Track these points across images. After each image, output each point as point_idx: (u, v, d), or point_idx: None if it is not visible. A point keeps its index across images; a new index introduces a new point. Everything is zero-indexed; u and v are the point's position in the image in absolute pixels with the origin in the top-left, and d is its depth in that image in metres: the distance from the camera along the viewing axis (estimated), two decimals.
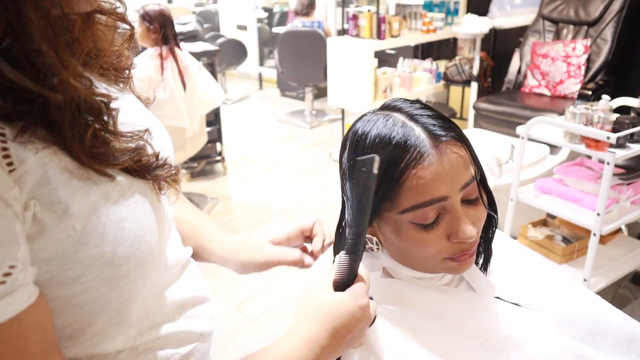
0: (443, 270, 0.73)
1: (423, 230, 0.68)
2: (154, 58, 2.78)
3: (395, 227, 0.70)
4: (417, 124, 0.68)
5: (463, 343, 0.74)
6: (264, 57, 7.34)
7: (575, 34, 3.54)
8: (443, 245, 0.69)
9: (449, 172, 0.66)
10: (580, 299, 0.84)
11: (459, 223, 0.67)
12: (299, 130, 5.18)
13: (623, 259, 2.27)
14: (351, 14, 3.94)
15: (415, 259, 0.73)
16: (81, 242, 0.51)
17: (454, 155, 0.67)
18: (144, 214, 0.57)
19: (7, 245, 0.45)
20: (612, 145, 1.88)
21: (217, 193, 3.72)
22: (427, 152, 0.66)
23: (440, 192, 0.66)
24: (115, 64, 0.66)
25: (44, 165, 0.49)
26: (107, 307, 0.55)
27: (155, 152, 0.61)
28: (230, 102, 6.22)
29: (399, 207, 0.68)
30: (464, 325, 0.75)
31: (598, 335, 0.80)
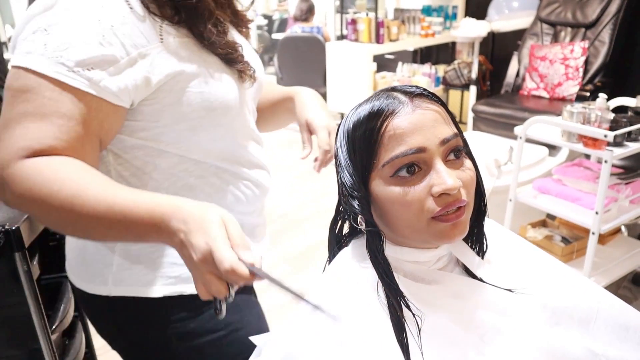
0: (434, 236, 0.71)
1: (405, 185, 0.69)
2: None
3: (382, 189, 0.71)
4: (396, 90, 0.73)
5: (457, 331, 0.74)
6: (264, 63, 7.34)
7: (573, 37, 3.56)
8: (427, 201, 0.69)
9: (426, 124, 0.69)
10: (574, 284, 0.84)
11: (440, 174, 0.68)
12: (298, 135, 5.14)
13: (622, 259, 2.26)
14: (350, 18, 3.97)
15: (404, 225, 0.72)
16: (187, 94, 0.85)
17: (430, 109, 0.71)
18: (231, 85, 0.91)
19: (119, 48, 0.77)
20: (609, 143, 1.89)
21: None
22: (402, 103, 0.70)
23: (417, 141, 0.68)
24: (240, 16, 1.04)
25: (177, 45, 0.83)
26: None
27: (246, 60, 0.93)
28: None
29: (380, 161, 0.70)
30: (457, 312, 0.75)
31: (592, 321, 0.80)
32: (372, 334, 0.70)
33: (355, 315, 0.71)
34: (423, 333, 0.70)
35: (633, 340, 0.80)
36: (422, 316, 0.70)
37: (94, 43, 0.75)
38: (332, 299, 0.74)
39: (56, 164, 0.72)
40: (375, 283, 0.73)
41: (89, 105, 0.76)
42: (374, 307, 0.71)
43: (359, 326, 0.70)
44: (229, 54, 0.90)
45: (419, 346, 0.68)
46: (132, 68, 0.79)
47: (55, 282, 1.49)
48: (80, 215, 0.70)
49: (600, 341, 0.79)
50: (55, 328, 1.31)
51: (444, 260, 0.79)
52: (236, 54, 0.91)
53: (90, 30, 0.75)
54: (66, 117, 0.74)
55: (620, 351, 0.79)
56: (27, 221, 1.16)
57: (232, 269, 0.62)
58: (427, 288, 0.75)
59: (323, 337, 0.70)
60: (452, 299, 0.76)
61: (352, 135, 0.73)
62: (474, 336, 0.74)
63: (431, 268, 0.78)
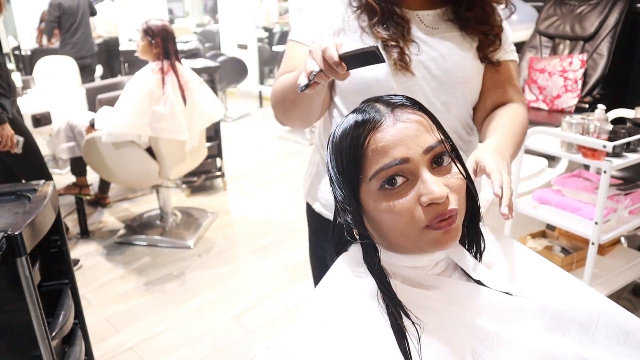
0: (428, 244, 0.71)
1: (393, 197, 0.69)
2: (155, 72, 2.81)
3: (371, 202, 0.71)
4: (379, 102, 0.74)
5: (455, 336, 0.74)
6: (264, 76, 7.40)
7: (572, 49, 3.58)
8: (417, 211, 0.69)
9: (409, 134, 0.69)
10: (574, 289, 0.84)
11: (426, 184, 0.68)
12: (299, 147, 5.20)
13: (622, 269, 2.26)
14: None
15: (398, 234, 0.72)
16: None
17: (412, 119, 0.71)
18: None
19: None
20: (608, 154, 1.90)
21: (216, 208, 3.73)
22: (383, 116, 0.71)
23: (400, 152, 0.68)
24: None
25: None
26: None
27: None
28: (231, 120, 6.26)
29: (367, 175, 0.70)
30: (455, 317, 0.75)
31: (592, 326, 0.80)
32: (373, 341, 0.70)
33: (356, 323, 0.71)
34: (423, 339, 0.70)
35: (632, 345, 0.80)
36: (421, 324, 0.70)
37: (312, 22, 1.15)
38: (333, 307, 0.74)
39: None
40: (375, 290, 0.74)
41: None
42: (375, 315, 0.72)
43: (360, 334, 0.70)
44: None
45: (419, 353, 0.68)
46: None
47: (55, 289, 1.49)
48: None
49: (600, 345, 0.79)
50: (55, 335, 1.31)
51: (442, 265, 0.80)
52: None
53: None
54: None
55: (618, 357, 0.79)
56: (29, 227, 1.17)
57: (325, 48, 0.82)
58: (425, 294, 0.75)
59: (324, 345, 0.70)
60: (451, 304, 0.75)
61: (339, 148, 0.74)
62: (473, 341, 0.74)
63: (429, 273, 0.78)
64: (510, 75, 1.19)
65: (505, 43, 1.18)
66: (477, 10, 1.13)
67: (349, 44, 1.05)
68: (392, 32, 1.08)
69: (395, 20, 1.08)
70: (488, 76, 1.18)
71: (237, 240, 3.29)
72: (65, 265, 1.49)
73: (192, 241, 3.21)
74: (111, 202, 3.78)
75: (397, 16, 1.08)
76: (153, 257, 3.07)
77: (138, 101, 2.75)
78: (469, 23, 1.13)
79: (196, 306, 2.58)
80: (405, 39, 1.08)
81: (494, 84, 1.18)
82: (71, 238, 3.27)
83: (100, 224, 3.50)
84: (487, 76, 1.18)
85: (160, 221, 3.42)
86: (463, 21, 1.13)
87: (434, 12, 1.13)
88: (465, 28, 1.13)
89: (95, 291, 2.74)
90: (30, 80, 4.15)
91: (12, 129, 2.49)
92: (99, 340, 2.33)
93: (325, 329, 0.71)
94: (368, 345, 0.69)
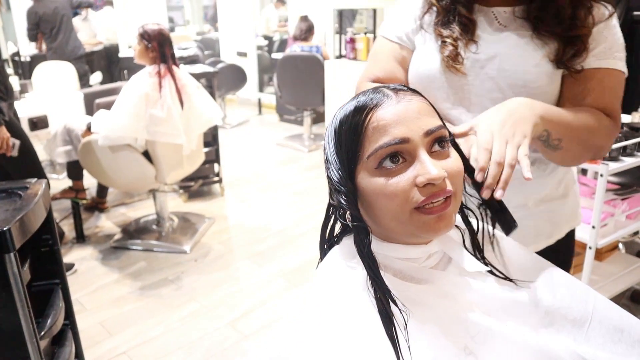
0: (418, 228, 0.70)
1: (389, 175, 0.69)
2: (152, 76, 2.81)
3: (367, 181, 0.71)
4: (384, 87, 0.74)
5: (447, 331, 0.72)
6: (263, 83, 7.42)
7: None
8: (412, 192, 0.68)
9: (410, 115, 0.70)
10: (567, 286, 0.83)
11: (423, 164, 0.68)
12: (298, 154, 5.20)
13: (620, 274, 2.25)
14: (349, 37, 4.00)
15: (390, 217, 0.71)
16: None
17: (415, 101, 0.71)
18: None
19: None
20: (605, 157, 1.89)
21: (214, 213, 3.71)
22: (386, 96, 0.71)
23: (401, 132, 0.68)
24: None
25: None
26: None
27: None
28: (230, 127, 6.26)
29: (365, 152, 0.70)
30: (447, 312, 0.73)
31: (586, 323, 0.79)
32: (363, 331, 0.68)
33: (346, 315, 0.70)
34: (413, 333, 0.68)
35: (627, 343, 0.79)
36: (407, 312, 0.68)
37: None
38: (324, 299, 0.73)
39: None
40: (365, 281, 0.72)
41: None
42: (365, 306, 0.70)
43: (350, 324, 0.69)
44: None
45: (406, 339, 0.67)
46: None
47: (46, 289, 1.47)
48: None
49: (594, 342, 0.78)
50: (44, 334, 1.29)
51: (435, 258, 0.78)
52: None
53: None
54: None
55: (613, 354, 0.78)
56: (18, 223, 1.15)
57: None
58: (417, 287, 0.74)
59: (312, 337, 0.69)
60: (443, 298, 0.74)
61: (338, 130, 0.74)
62: (465, 336, 0.73)
63: (422, 265, 0.77)
64: (601, 86, 1.03)
65: (599, 48, 1.03)
66: (551, 8, 1.02)
67: (419, 43, 1.13)
68: (452, 32, 1.06)
69: (460, 20, 1.06)
70: (567, 86, 1.06)
71: (234, 246, 3.28)
72: (56, 265, 1.48)
73: (189, 246, 3.19)
74: (109, 207, 3.77)
75: (463, 16, 1.06)
76: (149, 262, 3.05)
77: (134, 104, 2.75)
78: (542, 23, 1.02)
79: (191, 311, 2.56)
80: (466, 39, 1.06)
81: (573, 95, 1.05)
82: (67, 243, 3.26)
83: (96, 229, 3.48)
84: (566, 86, 1.06)
85: (156, 226, 3.41)
86: (536, 21, 1.03)
87: (510, 9, 1.06)
88: (538, 28, 1.03)
89: (90, 295, 2.72)
90: (28, 85, 4.16)
91: (9, 131, 2.48)
92: (92, 345, 2.30)
93: (318, 321, 0.70)
94: (358, 335, 0.68)
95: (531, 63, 1.03)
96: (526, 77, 1.03)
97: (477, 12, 1.08)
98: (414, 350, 0.67)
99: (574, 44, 1.01)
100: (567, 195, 1.19)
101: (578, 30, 1.01)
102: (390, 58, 1.17)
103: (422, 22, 1.13)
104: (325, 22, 5.94)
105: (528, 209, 1.14)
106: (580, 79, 1.03)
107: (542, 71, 1.03)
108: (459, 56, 1.06)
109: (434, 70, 1.09)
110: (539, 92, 1.03)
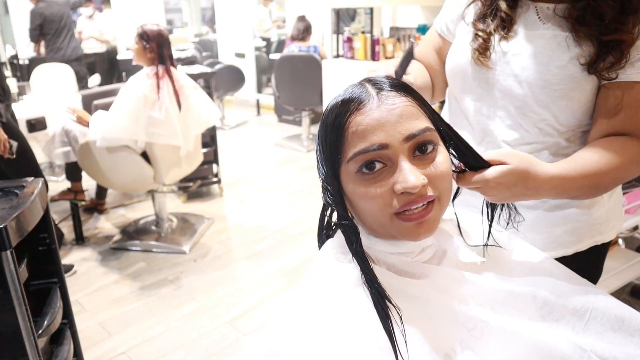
0: (398, 233, 0.70)
1: (369, 181, 0.69)
2: (150, 77, 2.80)
3: (349, 183, 0.71)
4: (370, 83, 0.72)
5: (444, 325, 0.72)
6: (261, 84, 7.42)
7: None
8: (390, 198, 0.68)
9: (390, 120, 0.68)
10: (566, 277, 0.83)
11: (402, 172, 0.67)
12: (296, 154, 5.19)
13: (620, 269, 2.25)
14: (346, 36, 4.00)
15: (372, 219, 0.71)
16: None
17: (397, 104, 0.69)
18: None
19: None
20: None
21: (213, 214, 3.71)
22: (367, 99, 0.69)
23: (379, 138, 0.67)
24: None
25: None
26: None
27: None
28: (228, 128, 6.26)
29: (345, 157, 0.70)
30: (443, 306, 0.73)
31: (586, 312, 0.79)
32: (359, 325, 0.68)
33: (342, 309, 0.69)
34: (409, 327, 0.68)
35: (626, 332, 0.79)
36: (400, 311, 0.68)
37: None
38: (319, 293, 0.72)
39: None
40: (359, 275, 0.72)
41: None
42: (360, 300, 0.70)
43: (346, 318, 0.68)
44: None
45: (402, 333, 0.66)
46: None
47: (44, 288, 1.47)
48: None
49: (593, 331, 0.78)
50: (42, 333, 1.29)
51: (429, 252, 0.78)
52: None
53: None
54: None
55: (611, 344, 0.77)
56: (14, 221, 1.15)
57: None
58: (411, 282, 0.73)
59: (307, 332, 0.68)
60: (438, 292, 0.74)
61: (324, 126, 0.73)
62: (461, 331, 0.72)
63: (415, 259, 0.76)
64: (638, 103, 0.95)
65: None
66: (596, 9, 0.94)
67: (459, 33, 1.14)
68: (487, 26, 1.06)
69: (500, 15, 1.05)
70: (601, 98, 0.98)
71: (233, 246, 3.27)
72: (54, 264, 1.48)
73: (188, 246, 3.19)
74: (108, 208, 3.77)
75: (503, 11, 1.04)
76: (148, 263, 3.05)
77: (132, 106, 2.75)
78: (582, 24, 0.95)
79: (191, 311, 2.56)
80: (502, 34, 1.04)
81: (606, 109, 0.97)
82: (66, 244, 3.25)
83: (95, 230, 3.48)
84: (600, 98, 0.98)
85: (156, 227, 3.41)
86: (577, 20, 0.96)
87: (553, 6, 1.00)
88: (577, 29, 0.96)
89: (89, 296, 2.71)
90: (26, 87, 4.16)
91: (6, 133, 2.48)
92: (91, 345, 2.30)
93: (313, 316, 0.69)
94: (354, 329, 0.67)
95: (555, 64, 0.97)
96: (547, 78, 0.98)
97: (520, 7, 1.05)
98: (410, 346, 0.67)
99: (612, 51, 0.93)
100: (593, 206, 1.10)
101: (620, 36, 0.92)
102: (430, 45, 1.25)
103: (464, 13, 1.13)
104: (322, 22, 5.94)
105: (541, 212, 1.10)
106: (616, 92, 0.95)
107: (566, 74, 0.96)
108: (488, 50, 1.05)
109: (464, 61, 1.10)
110: (559, 96, 0.98)
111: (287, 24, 7.08)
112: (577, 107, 0.99)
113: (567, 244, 1.10)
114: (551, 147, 1.04)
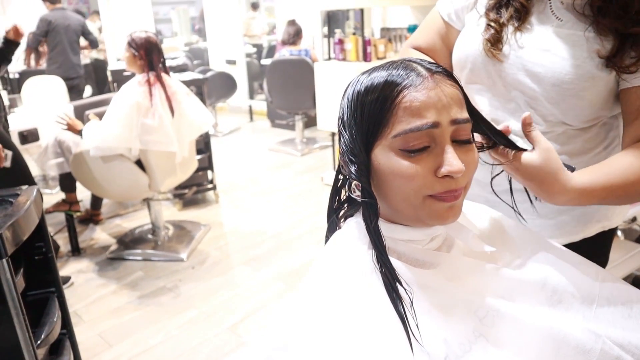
0: (428, 215, 0.70)
1: (411, 159, 0.68)
2: (141, 84, 2.79)
3: (387, 158, 0.69)
4: (418, 64, 0.71)
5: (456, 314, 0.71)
6: (253, 90, 7.41)
7: None
8: (429, 179, 0.68)
9: (443, 100, 0.68)
10: (574, 263, 0.82)
11: (448, 155, 0.67)
12: (290, 158, 5.18)
13: (620, 261, 2.25)
14: (337, 38, 4.00)
15: (401, 198, 0.70)
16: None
17: (449, 87, 0.70)
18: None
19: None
20: None
21: (209, 220, 3.69)
22: (422, 77, 0.69)
23: (432, 116, 0.67)
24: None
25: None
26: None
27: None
28: (221, 135, 6.24)
29: (392, 130, 0.68)
30: (454, 295, 0.72)
31: (595, 299, 0.78)
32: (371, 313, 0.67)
33: (353, 298, 0.68)
34: (422, 316, 0.67)
35: (637, 318, 0.78)
36: (412, 291, 0.68)
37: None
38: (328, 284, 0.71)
39: None
40: (370, 264, 0.71)
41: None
42: (371, 289, 0.69)
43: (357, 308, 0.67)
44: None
45: (414, 317, 0.65)
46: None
47: (42, 298, 1.45)
48: None
49: (604, 319, 0.77)
50: (41, 343, 1.27)
51: (438, 241, 0.78)
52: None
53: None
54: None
55: (624, 330, 0.77)
56: (9, 229, 1.13)
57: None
58: (423, 272, 0.73)
59: (318, 323, 0.67)
60: (450, 281, 0.74)
61: (362, 98, 0.71)
62: (473, 320, 0.71)
63: (425, 247, 0.76)
64: None
65: None
66: (613, 3, 0.90)
67: (469, 21, 1.11)
68: (500, 16, 1.03)
69: (514, 5, 1.02)
70: (625, 100, 0.95)
71: (231, 252, 3.25)
72: (51, 273, 1.46)
73: (185, 254, 3.16)
74: (103, 219, 3.74)
75: (518, 1, 1.01)
76: (146, 271, 3.02)
77: (125, 114, 2.73)
78: (604, 16, 0.91)
79: (190, 318, 2.54)
80: (516, 25, 1.01)
81: (630, 110, 0.94)
82: (62, 256, 3.22)
83: (91, 241, 3.45)
84: (623, 100, 0.95)
85: (152, 235, 3.38)
86: (598, 13, 0.92)
87: (567, 1, 0.98)
88: (597, 22, 0.92)
89: (87, 307, 2.69)
90: (17, 99, 4.13)
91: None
92: (92, 357, 2.27)
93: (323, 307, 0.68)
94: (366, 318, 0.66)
95: (571, 62, 0.93)
96: (560, 77, 0.94)
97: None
98: (424, 333, 0.66)
99: (635, 45, 0.89)
100: None
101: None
102: (436, 32, 1.20)
103: (477, 1, 1.09)
104: (313, 26, 5.95)
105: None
106: (638, 93, 0.92)
107: (581, 74, 0.93)
108: (500, 42, 1.02)
109: (473, 51, 1.06)
110: (570, 95, 0.95)
111: (277, 30, 7.08)
112: (586, 105, 0.97)
113: (574, 231, 1.09)
114: (559, 137, 1.03)
